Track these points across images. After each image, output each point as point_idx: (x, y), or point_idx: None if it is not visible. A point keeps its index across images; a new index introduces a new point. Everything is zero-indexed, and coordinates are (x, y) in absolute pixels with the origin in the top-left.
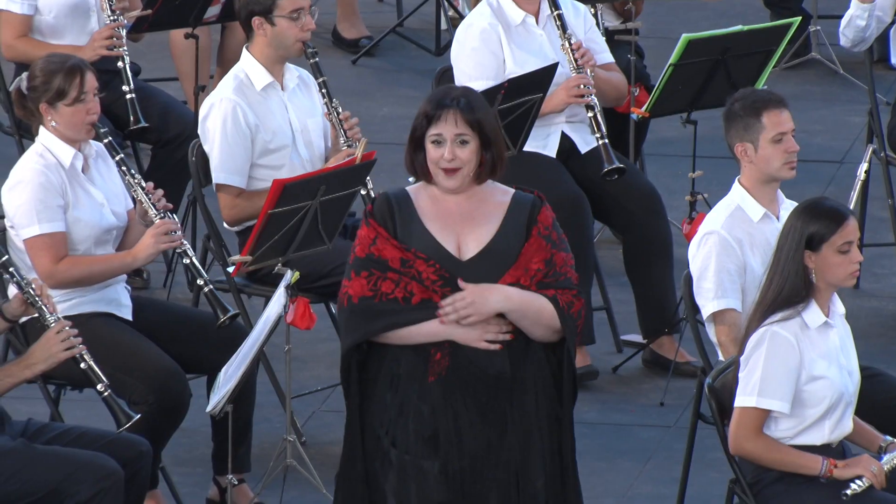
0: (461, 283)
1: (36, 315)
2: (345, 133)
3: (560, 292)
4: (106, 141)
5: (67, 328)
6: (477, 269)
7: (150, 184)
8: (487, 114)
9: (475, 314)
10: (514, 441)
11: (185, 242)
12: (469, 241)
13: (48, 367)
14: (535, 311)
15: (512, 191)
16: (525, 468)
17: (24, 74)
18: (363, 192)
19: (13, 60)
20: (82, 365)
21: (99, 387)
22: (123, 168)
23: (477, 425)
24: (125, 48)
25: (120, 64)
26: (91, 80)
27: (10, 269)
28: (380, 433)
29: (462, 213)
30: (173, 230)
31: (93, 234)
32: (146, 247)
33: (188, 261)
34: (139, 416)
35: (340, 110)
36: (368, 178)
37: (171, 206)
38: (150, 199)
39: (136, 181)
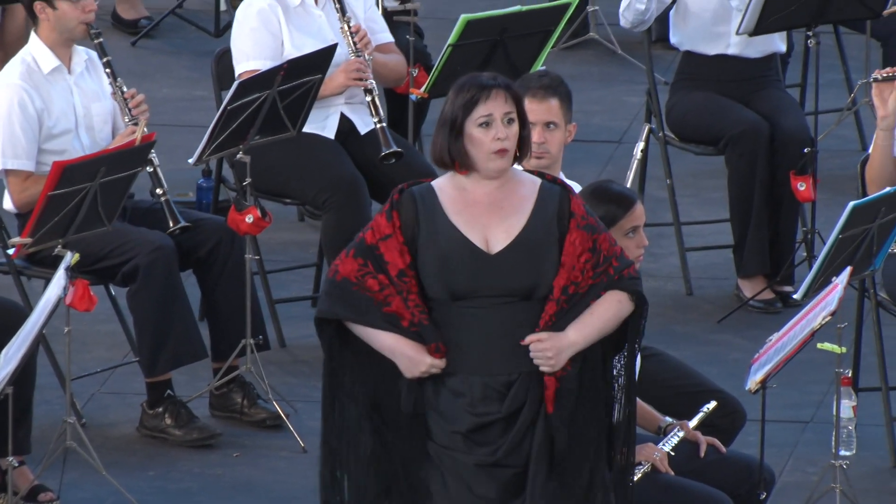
0: (535, 337)
1: None
2: (129, 111)
3: (616, 277)
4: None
5: None
6: (506, 262)
7: (133, 90)
8: None
9: (548, 366)
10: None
11: None
12: (498, 234)
13: None
14: (600, 328)
15: (539, 180)
16: None
17: None
18: (150, 169)
19: None
20: None
21: None
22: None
23: None
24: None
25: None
26: None
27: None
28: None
29: (490, 204)
30: None
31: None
32: None
33: None
34: None
35: (125, 89)
36: (155, 155)
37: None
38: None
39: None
